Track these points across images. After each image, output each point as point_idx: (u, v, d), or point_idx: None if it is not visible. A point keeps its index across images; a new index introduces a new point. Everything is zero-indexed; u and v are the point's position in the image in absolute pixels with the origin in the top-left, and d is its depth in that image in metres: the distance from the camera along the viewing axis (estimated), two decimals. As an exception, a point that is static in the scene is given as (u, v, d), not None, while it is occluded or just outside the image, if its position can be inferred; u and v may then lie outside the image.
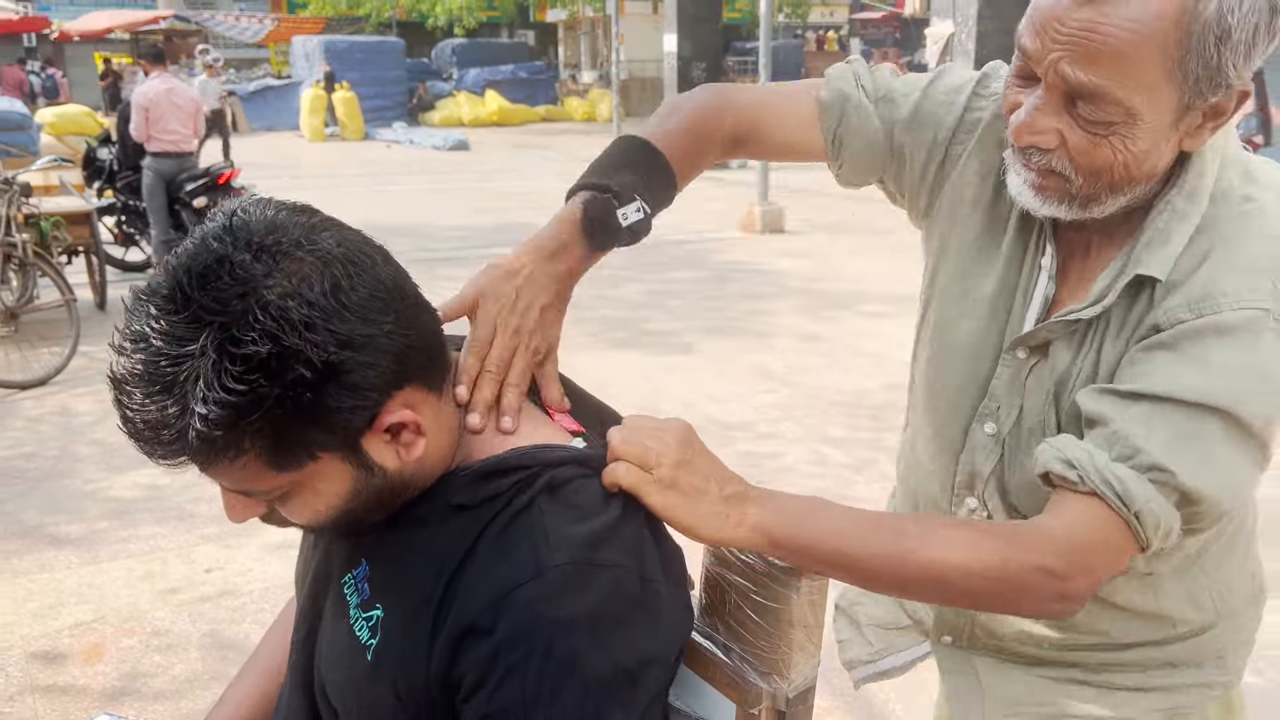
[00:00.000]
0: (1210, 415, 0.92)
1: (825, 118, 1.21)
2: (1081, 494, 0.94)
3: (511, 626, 0.83)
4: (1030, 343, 1.08)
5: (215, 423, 0.77)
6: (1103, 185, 0.97)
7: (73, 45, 28.57)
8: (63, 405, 5.21)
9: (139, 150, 7.53)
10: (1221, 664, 1.20)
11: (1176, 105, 0.92)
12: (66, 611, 3.22)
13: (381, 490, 0.90)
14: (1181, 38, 0.87)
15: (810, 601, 0.96)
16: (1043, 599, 0.95)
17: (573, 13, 31.27)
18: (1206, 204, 0.98)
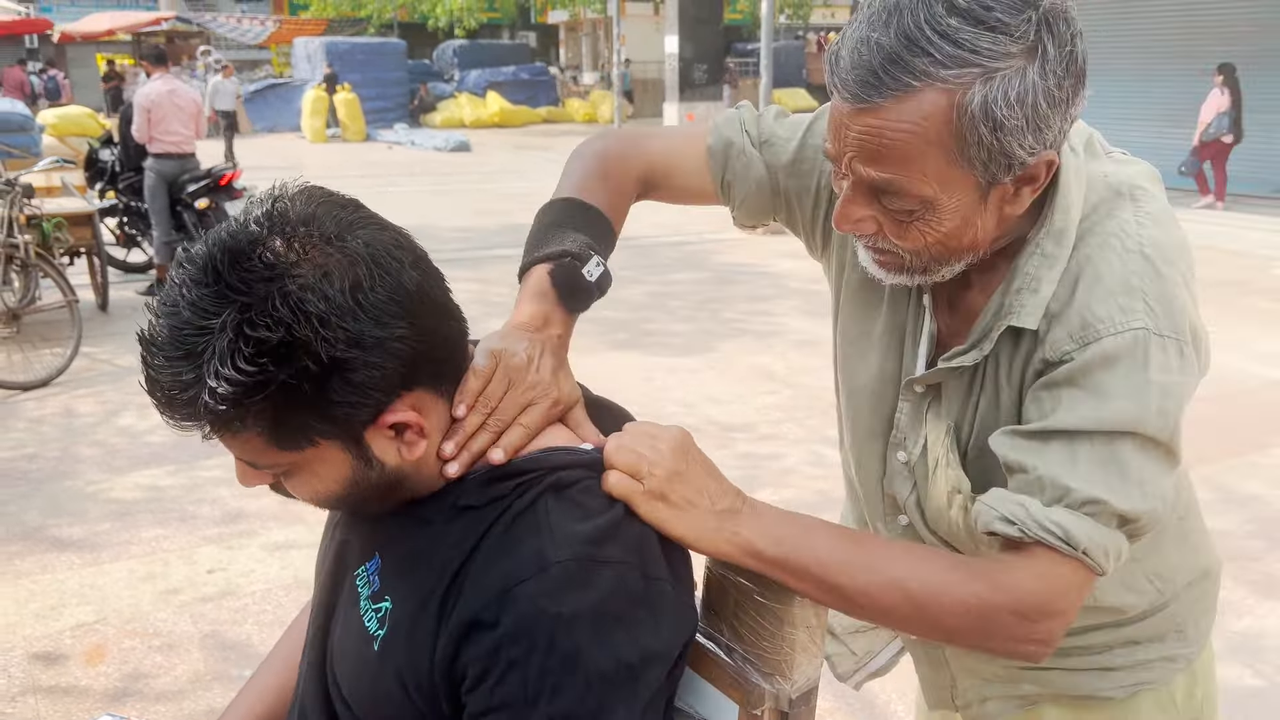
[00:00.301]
0: (1121, 439, 0.96)
1: (713, 164, 1.25)
2: (1029, 545, 0.97)
3: (514, 621, 0.84)
4: (923, 383, 1.13)
5: (223, 397, 0.81)
6: (930, 259, 1.00)
7: (74, 46, 28.59)
8: (65, 406, 5.21)
9: (141, 151, 7.52)
10: (1182, 636, 1.23)
11: (973, 186, 0.95)
12: (68, 612, 3.22)
13: (380, 484, 0.93)
14: (955, 131, 0.90)
15: (813, 602, 0.96)
16: (1016, 641, 0.98)
17: (574, 14, 31.28)
18: (1074, 240, 1.01)
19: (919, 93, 0.89)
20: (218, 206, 7.37)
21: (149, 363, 0.84)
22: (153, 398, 0.85)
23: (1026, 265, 1.02)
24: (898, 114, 0.91)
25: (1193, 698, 1.26)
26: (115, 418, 5.04)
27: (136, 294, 7.71)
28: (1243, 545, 3.60)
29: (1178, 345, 0.97)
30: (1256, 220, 10.47)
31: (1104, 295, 0.97)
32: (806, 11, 32.45)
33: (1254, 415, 4.95)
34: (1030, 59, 0.89)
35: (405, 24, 31.79)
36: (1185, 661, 1.24)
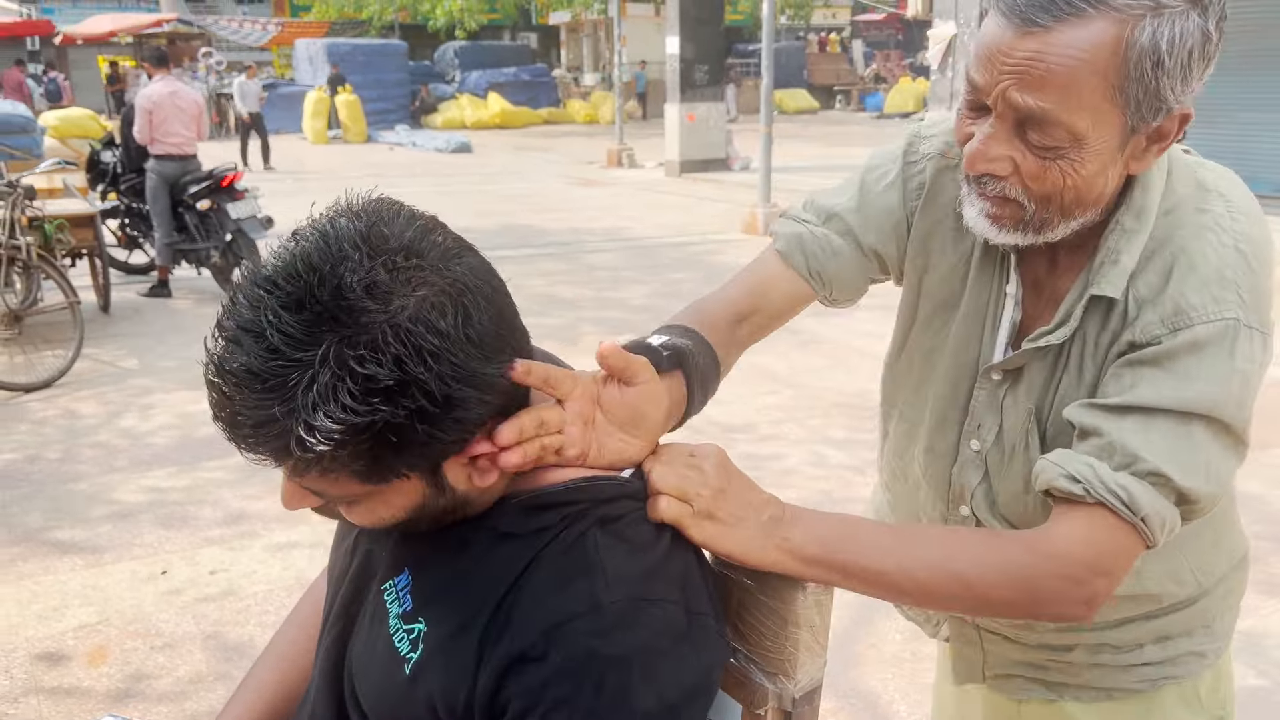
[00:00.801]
0: (1196, 420, 0.98)
1: (793, 262, 1.27)
2: (1089, 505, 0.99)
3: (564, 657, 0.82)
4: (1004, 368, 1.15)
5: (324, 436, 0.75)
6: (1054, 209, 1.01)
7: (76, 49, 28.61)
8: (67, 408, 5.22)
9: (142, 153, 7.53)
10: (1209, 632, 1.25)
11: (1121, 128, 0.96)
12: (71, 613, 3.23)
13: (444, 509, 0.90)
14: (1119, 64, 0.92)
15: (816, 602, 0.96)
16: (1066, 604, 1.00)
17: (575, 15, 31.29)
18: (1154, 219, 1.04)
19: (1091, 19, 0.90)
20: (219, 207, 7.38)
21: (228, 395, 0.76)
22: (230, 430, 0.78)
23: (1108, 241, 1.05)
24: (1067, 39, 0.91)
25: (1216, 693, 1.28)
26: (117, 419, 5.04)
27: (138, 295, 7.72)
28: (1245, 545, 3.60)
29: (1263, 338, 1.00)
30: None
31: (1199, 284, 1.00)
32: (807, 12, 32.48)
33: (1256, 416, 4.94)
34: (1195, 3, 0.91)
35: (406, 25, 31.80)
36: (1213, 656, 1.25)
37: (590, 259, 8.91)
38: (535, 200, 12.37)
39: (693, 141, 15.38)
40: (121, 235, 8.17)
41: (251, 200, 7.44)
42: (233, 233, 7.43)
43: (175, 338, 6.60)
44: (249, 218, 7.35)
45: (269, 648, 1.23)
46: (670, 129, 15.45)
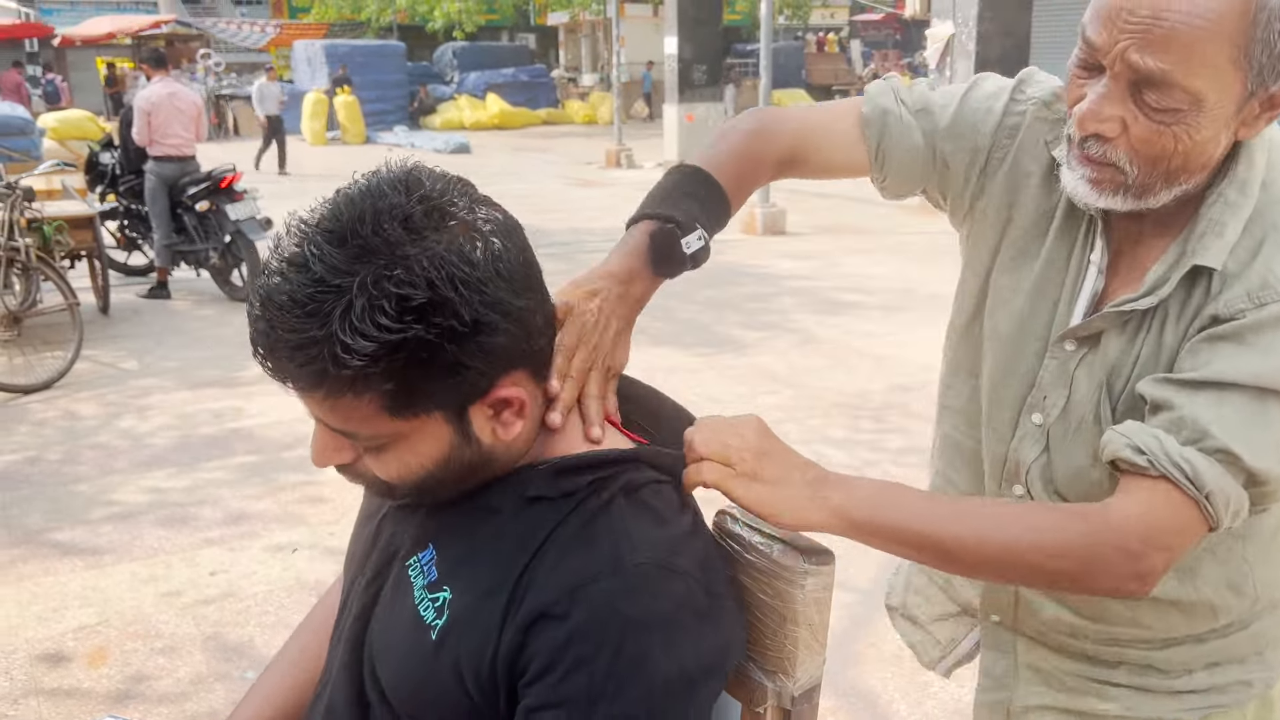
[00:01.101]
0: (1273, 398, 0.95)
1: (868, 133, 1.24)
2: (1153, 478, 0.96)
3: (586, 617, 0.84)
4: (1080, 334, 1.10)
5: (358, 353, 0.79)
6: (1159, 175, 0.99)
7: (75, 51, 28.60)
8: (66, 409, 5.22)
9: (141, 154, 7.53)
10: (1261, 660, 1.20)
11: (1240, 93, 0.94)
12: (70, 614, 3.23)
13: (469, 463, 0.92)
14: (1248, 26, 0.89)
15: (815, 600, 0.96)
16: (1120, 578, 0.97)
17: (573, 16, 31.30)
18: (1258, 193, 1.00)
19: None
20: (218, 209, 7.38)
21: (271, 322, 0.81)
22: (267, 357, 0.83)
23: (1210, 212, 1.01)
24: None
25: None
26: (117, 420, 5.04)
27: (137, 297, 7.72)
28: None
29: None
30: None
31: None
32: (805, 12, 32.48)
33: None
34: None
35: (404, 26, 31.79)
36: (1262, 687, 1.21)
37: (590, 259, 8.89)
38: (534, 201, 12.37)
39: (692, 142, 15.37)
40: (120, 237, 8.16)
41: (250, 201, 7.44)
42: (232, 234, 7.43)
43: (174, 339, 6.60)
44: (248, 219, 7.35)
45: (281, 653, 1.23)
46: (669, 129, 15.46)
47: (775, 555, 0.97)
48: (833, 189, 11.30)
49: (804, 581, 0.95)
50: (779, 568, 0.97)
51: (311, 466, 4.68)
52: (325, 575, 3.46)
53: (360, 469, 0.93)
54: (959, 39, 11.15)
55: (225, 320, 7.14)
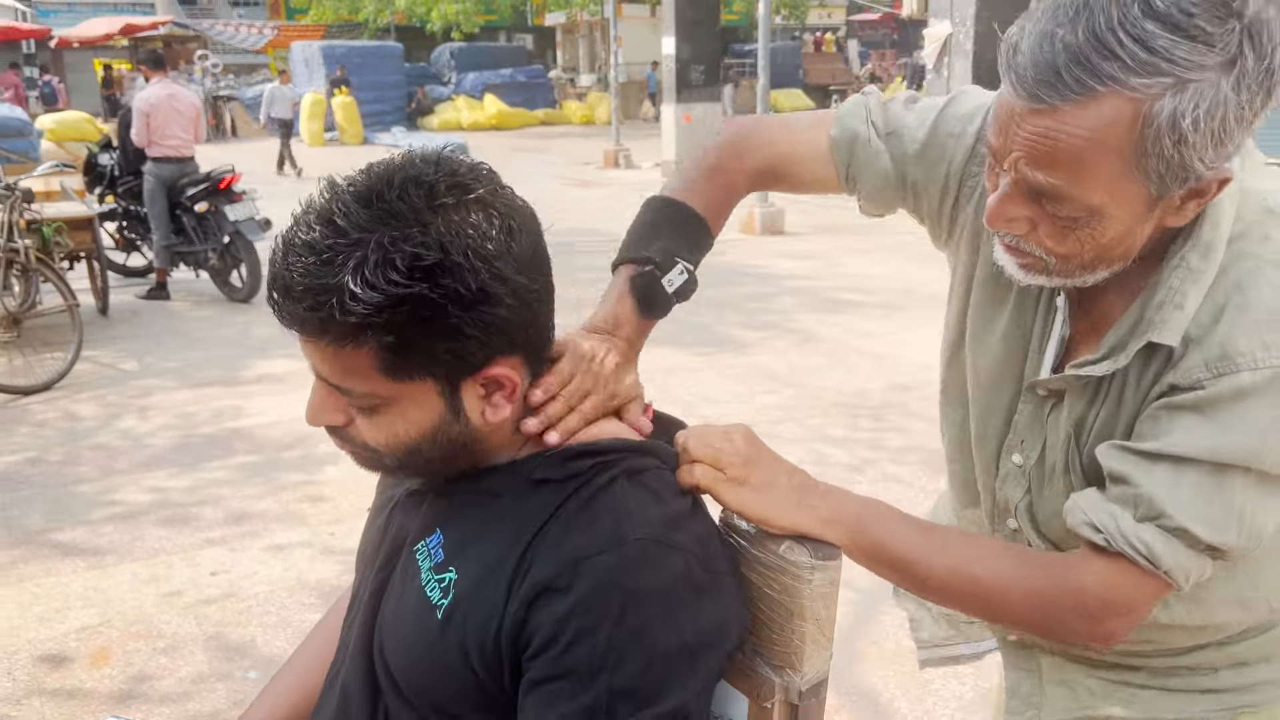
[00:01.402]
0: (1233, 471, 0.93)
1: (837, 157, 1.23)
2: (1111, 554, 0.97)
3: (588, 589, 0.87)
4: (1047, 387, 1.10)
5: (364, 302, 0.83)
6: (1079, 266, 0.97)
7: (72, 52, 28.59)
8: (66, 410, 5.22)
9: (140, 156, 7.53)
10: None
11: (1144, 198, 0.90)
12: (72, 615, 3.23)
13: (455, 440, 0.95)
14: (1136, 141, 0.86)
15: (822, 595, 0.97)
16: (1079, 635, 1.01)
17: (571, 16, 31.29)
18: (1221, 256, 0.96)
19: (1102, 98, 0.84)
20: (217, 210, 7.38)
21: (287, 262, 0.86)
22: (279, 299, 0.87)
23: (1171, 279, 0.97)
24: (1076, 119, 0.85)
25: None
26: (117, 421, 5.05)
27: (136, 298, 7.72)
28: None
29: None
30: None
31: (1249, 327, 0.93)
32: (803, 12, 32.51)
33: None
34: (1226, 72, 0.83)
35: (402, 27, 31.78)
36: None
37: (587, 260, 8.88)
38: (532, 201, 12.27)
39: (690, 142, 15.35)
40: (119, 238, 8.16)
41: (249, 202, 7.44)
42: (231, 235, 7.43)
43: (173, 339, 6.60)
44: (247, 219, 7.35)
45: (296, 652, 1.24)
46: (667, 129, 15.44)
47: (782, 551, 0.98)
48: (831, 189, 11.24)
49: (811, 577, 0.96)
50: (786, 563, 0.97)
51: (312, 466, 4.68)
52: (326, 575, 3.46)
53: (349, 433, 0.95)
54: (956, 38, 11.15)
55: (224, 321, 7.14)
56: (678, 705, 0.87)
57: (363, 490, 4.09)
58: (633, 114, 27.00)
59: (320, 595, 3.33)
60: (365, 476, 1.02)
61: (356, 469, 1.01)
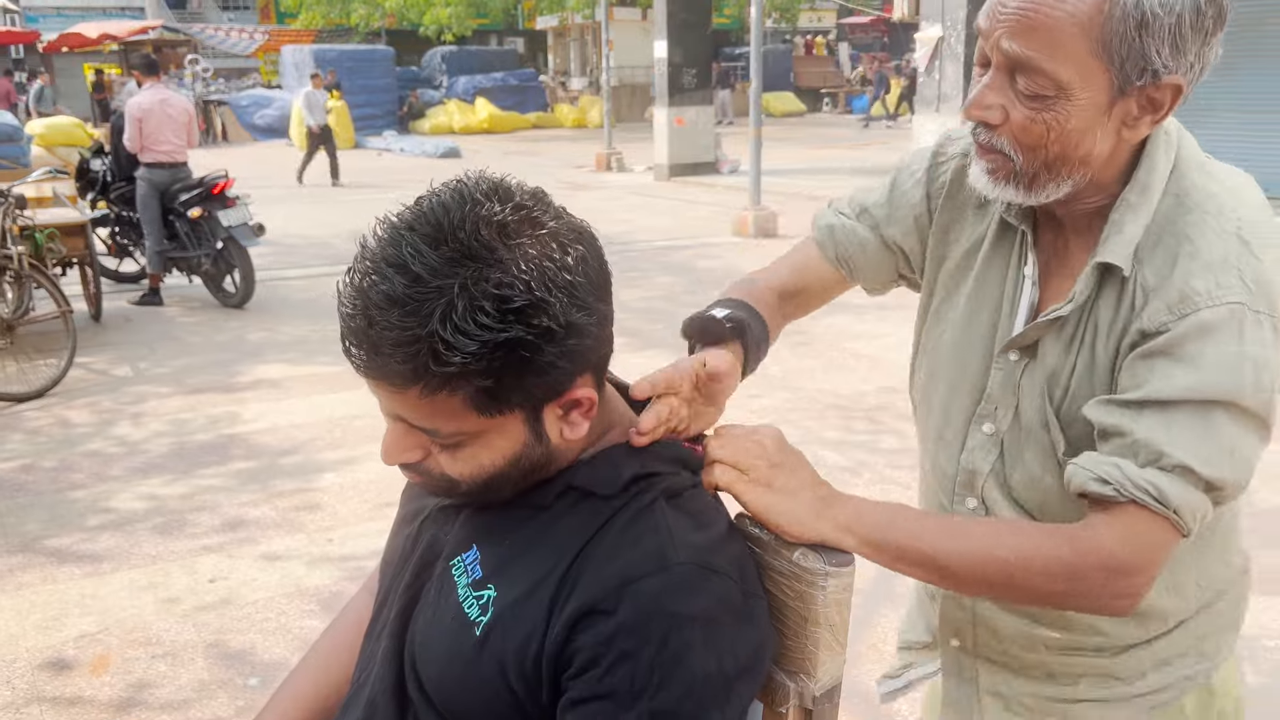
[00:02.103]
0: (1216, 408, 1.00)
1: (825, 251, 1.37)
2: (1122, 504, 1.01)
3: (633, 613, 0.87)
4: (1020, 344, 1.16)
5: (460, 350, 0.82)
6: (1040, 163, 1.05)
7: (61, 56, 28.48)
8: (60, 417, 5.20)
9: (133, 161, 7.51)
10: (1200, 653, 1.26)
11: (1107, 86, 1.00)
12: (70, 622, 3.22)
13: (535, 462, 0.96)
14: (1104, 20, 0.97)
15: (836, 601, 0.97)
16: (1106, 596, 1.03)
17: (563, 20, 31.29)
18: (1159, 197, 1.07)
19: None
20: (210, 215, 7.36)
21: (368, 316, 0.84)
22: (364, 353, 0.85)
23: (1113, 215, 1.08)
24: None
25: (1208, 710, 1.28)
26: (111, 427, 5.03)
27: (129, 304, 7.70)
28: (1239, 542, 3.62)
29: (1272, 323, 1.01)
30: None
31: (1201, 270, 1.02)
32: (794, 15, 32.54)
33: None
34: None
35: (392, 31, 31.72)
36: (1203, 677, 1.26)
37: (582, 263, 8.91)
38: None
39: (682, 145, 15.39)
40: (112, 244, 8.15)
41: (243, 207, 7.43)
42: (224, 240, 7.42)
43: (167, 345, 6.59)
44: (240, 225, 7.34)
45: (306, 657, 1.24)
46: (659, 133, 15.47)
47: (796, 558, 0.99)
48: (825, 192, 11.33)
49: (825, 583, 0.97)
50: (800, 570, 0.98)
51: (308, 472, 4.68)
52: (325, 582, 3.46)
53: (426, 466, 0.95)
54: (947, 41, 11.19)
55: (218, 326, 7.13)
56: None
57: (360, 497, 4.10)
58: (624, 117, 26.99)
59: (319, 602, 3.33)
60: (362, 484, 1.03)
61: (354, 476, 1.02)
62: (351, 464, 4.39)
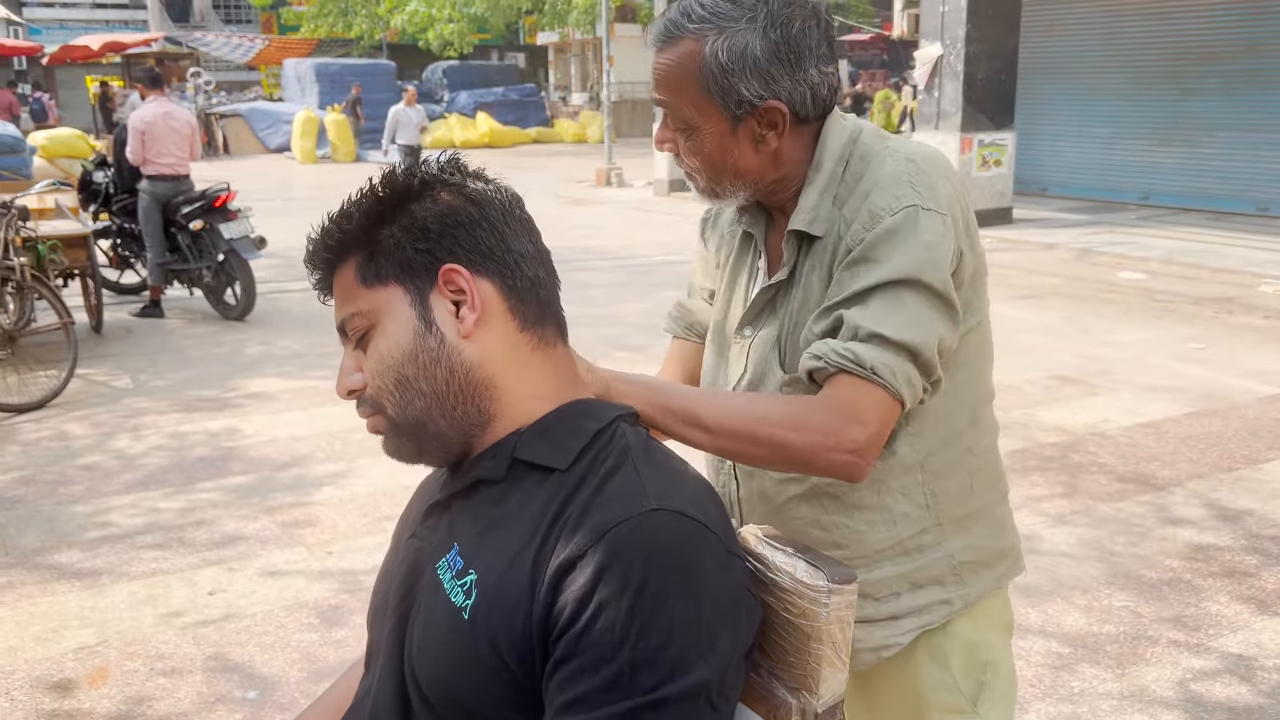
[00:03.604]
0: (903, 288, 1.20)
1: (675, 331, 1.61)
2: (833, 375, 1.20)
3: (609, 558, 0.88)
4: (749, 319, 1.39)
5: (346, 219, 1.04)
6: (710, 177, 1.32)
7: (64, 69, 28.59)
8: (60, 429, 5.20)
9: (135, 173, 7.53)
10: (960, 580, 1.38)
11: (722, 117, 1.27)
12: (70, 635, 3.22)
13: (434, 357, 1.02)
14: (699, 70, 1.25)
15: (838, 618, 0.98)
16: (831, 449, 1.18)
17: (563, 35, 31.42)
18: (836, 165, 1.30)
19: (681, 40, 1.27)
20: (212, 228, 7.38)
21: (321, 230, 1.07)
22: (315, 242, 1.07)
23: (802, 193, 1.32)
24: (670, 54, 1.28)
25: (973, 660, 1.39)
26: (110, 440, 5.03)
27: (130, 316, 7.71)
28: (1236, 560, 3.63)
29: (941, 217, 1.23)
30: (1241, 238, 10.58)
31: (882, 190, 1.25)
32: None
33: (1244, 430, 4.99)
34: (752, 25, 1.23)
35: (394, 45, 31.86)
36: (961, 604, 1.38)
37: (582, 277, 8.93)
38: (525, 219, 12.36)
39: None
40: (113, 255, 8.16)
41: (244, 220, 7.45)
42: (225, 253, 7.43)
43: (167, 358, 6.59)
44: (241, 238, 7.36)
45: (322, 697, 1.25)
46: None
47: (799, 574, 0.99)
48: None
49: (828, 600, 0.97)
50: (803, 586, 0.99)
51: (307, 487, 4.67)
52: (324, 595, 3.46)
53: (368, 395, 1.05)
54: (947, 60, 11.24)
55: (218, 339, 7.14)
56: (702, 680, 0.87)
57: (359, 510, 4.10)
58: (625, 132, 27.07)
59: (319, 615, 3.32)
60: (361, 497, 1.06)
61: (353, 489, 1.05)
62: (350, 477, 4.40)
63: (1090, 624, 3.22)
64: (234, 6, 39.42)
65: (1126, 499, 4.19)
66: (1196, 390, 5.66)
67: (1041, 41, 13.68)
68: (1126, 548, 3.75)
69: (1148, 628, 3.20)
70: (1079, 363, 6.21)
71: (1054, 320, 7.38)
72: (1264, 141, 12.00)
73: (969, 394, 1.36)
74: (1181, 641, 3.12)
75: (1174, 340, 6.78)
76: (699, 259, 1.60)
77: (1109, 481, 4.38)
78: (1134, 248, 10.10)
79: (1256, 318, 7.48)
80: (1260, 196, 12.14)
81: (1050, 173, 13.91)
